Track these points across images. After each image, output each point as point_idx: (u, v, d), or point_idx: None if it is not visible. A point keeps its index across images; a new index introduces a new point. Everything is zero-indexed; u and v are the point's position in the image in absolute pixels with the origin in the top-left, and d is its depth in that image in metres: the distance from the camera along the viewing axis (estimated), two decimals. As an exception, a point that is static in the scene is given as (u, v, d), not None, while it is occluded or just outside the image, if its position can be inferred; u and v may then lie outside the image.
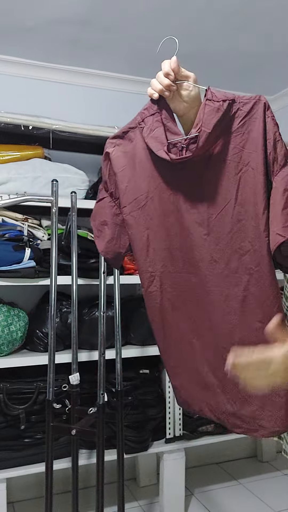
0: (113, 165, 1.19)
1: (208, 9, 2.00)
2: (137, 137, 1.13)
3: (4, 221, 2.02)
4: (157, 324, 1.24)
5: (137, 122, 1.14)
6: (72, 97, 2.57)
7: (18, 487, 2.34)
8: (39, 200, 1.75)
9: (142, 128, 1.11)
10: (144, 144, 1.11)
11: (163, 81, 1.07)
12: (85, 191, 2.17)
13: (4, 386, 1.93)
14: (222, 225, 1.06)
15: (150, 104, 1.12)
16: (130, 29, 2.16)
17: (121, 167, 1.18)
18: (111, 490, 2.11)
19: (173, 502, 2.22)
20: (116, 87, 2.65)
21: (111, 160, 1.19)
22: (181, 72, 1.10)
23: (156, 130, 1.08)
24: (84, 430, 1.63)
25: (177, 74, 1.10)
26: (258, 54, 2.42)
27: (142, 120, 1.12)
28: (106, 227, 1.25)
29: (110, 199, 1.23)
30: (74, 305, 1.84)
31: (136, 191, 1.17)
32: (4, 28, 2.14)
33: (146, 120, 1.11)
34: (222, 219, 1.06)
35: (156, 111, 1.10)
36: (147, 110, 1.12)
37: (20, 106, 2.32)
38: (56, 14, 2.03)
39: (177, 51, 1.15)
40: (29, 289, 2.21)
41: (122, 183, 1.18)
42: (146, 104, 1.13)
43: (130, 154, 1.16)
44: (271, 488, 2.45)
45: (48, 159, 2.19)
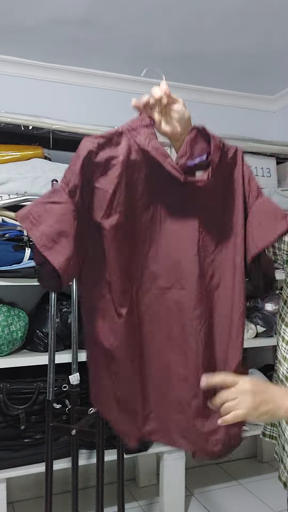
0: (94, 167, 1.04)
1: (208, 9, 2.00)
2: (126, 144, 1.06)
3: (4, 221, 2.02)
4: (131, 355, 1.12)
5: (126, 129, 1.07)
6: (72, 97, 2.57)
7: (18, 487, 2.34)
8: (39, 200, 1.75)
9: (136, 136, 1.06)
10: (134, 152, 1.06)
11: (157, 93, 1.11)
12: (85, 191, 2.16)
13: (4, 386, 1.93)
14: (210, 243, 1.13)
15: (142, 116, 1.10)
16: (130, 29, 2.16)
17: (104, 171, 1.04)
18: (111, 490, 2.11)
19: (173, 502, 2.22)
20: (116, 87, 2.65)
21: (93, 160, 1.03)
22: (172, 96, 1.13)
23: (154, 141, 1.06)
24: (84, 430, 1.63)
25: (168, 96, 1.11)
26: (258, 54, 2.42)
27: (133, 129, 1.07)
28: (66, 239, 1.02)
29: (74, 207, 1.02)
30: (74, 305, 1.84)
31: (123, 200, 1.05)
32: (4, 28, 2.14)
33: (139, 130, 1.07)
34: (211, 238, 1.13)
35: (150, 124, 1.08)
36: (137, 122, 1.09)
37: (20, 106, 2.32)
38: (56, 14, 2.03)
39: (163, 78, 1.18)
40: (29, 289, 2.20)
41: (106, 190, 1.03)
42: (133, 117, 1.10)
43: (117, 160, 1.04)
44: (271, 488, 2.45)
45: (48, 159, 2.19)
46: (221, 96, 2.87)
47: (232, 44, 2.31)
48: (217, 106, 2.89)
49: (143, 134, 1.06)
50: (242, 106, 2.95)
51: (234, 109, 2.93)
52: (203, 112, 2.84)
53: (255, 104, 2.98)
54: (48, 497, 1.65)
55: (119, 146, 1.05)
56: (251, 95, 2.92)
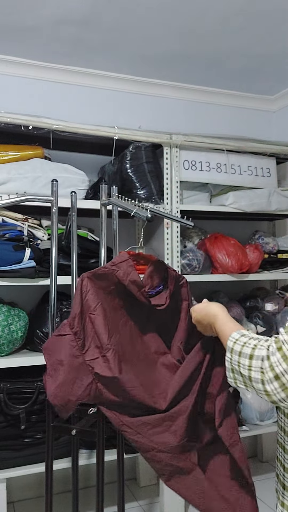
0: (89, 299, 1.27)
1: (209, 10, 2.00)
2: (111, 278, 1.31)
3: (4, 221, 2.02)
4: None
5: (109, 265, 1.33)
6: (72, 97, 2.58)
7: (18, 487, 2.34)
8: (39, 200, 1.75)
9: (116, 270, 1.30)
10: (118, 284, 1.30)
11: None
12: (85, 191, 2.17)
13: (4, 386, 1.93)
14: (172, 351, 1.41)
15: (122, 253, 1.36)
16: (131, 30, 2.17)
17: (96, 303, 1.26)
18: (111, 490, 2.11)
19: (173, 502, 2.22)
20: (116, 87, 2.65)
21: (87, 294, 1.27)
22: None
23: (132, 274, 1.30)
24: (84, 430, 1.63)
25: None
26: (258, 54, 2.42)
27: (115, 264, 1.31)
28: (61, 368, 1.20)
29: (73, 337, 1.21)
30: (74, 305, 1.84)
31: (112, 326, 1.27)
32: (5, 28, 2.14)
33: (120, 265, 1.31)
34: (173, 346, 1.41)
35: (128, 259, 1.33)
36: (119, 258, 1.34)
37: (20, 106, 2.32)
38: (57, 14, 2.03)
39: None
40: (29, 289, 2.21)
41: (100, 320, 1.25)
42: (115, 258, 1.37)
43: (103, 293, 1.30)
44: (271, 488, 2.45)
45: (48, 159, 2.19)
46: (221, 96, 2.87)
47: (232, 44, 2.31)
48: (217, 106, 2.89)
49: (122, 268, 1.30)
50: (242, 106, 2.95)
51: (234, 109, 2.94)
52: (203, 112, 2.86)
53: (255, 104, 2.98)
54: (49, 497, 1.64)
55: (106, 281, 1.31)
56: (251, 95, 2.92)
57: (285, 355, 0.82)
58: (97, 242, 2.10)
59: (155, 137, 2.23)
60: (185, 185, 2.37)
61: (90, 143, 2.26)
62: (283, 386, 0.82)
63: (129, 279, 1.28)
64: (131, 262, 1.32)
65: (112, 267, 1.30)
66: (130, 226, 2.64)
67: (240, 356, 0.91)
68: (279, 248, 2.63)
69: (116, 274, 1.29)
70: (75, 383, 1.19)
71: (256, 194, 2.45)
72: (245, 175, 2.47)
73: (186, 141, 2.28)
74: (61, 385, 1.19)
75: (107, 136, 2.14)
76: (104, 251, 1.75)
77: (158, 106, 2.74)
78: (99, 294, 1.28)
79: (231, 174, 2.43)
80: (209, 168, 2.39)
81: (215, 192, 2.50)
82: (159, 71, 2.59)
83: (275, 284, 2.93)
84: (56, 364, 1.22)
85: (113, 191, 1.84)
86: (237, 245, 2.38)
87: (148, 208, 1.52)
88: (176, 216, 2.14)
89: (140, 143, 2.23)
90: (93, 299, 1.26)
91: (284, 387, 0.82)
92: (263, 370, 0.85)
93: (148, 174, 2.24)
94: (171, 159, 2.28)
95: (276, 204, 2.49)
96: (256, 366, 0.87)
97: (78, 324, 1.23)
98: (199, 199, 2.43)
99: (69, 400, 1.21)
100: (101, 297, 1.28)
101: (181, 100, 2.80)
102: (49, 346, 1.27)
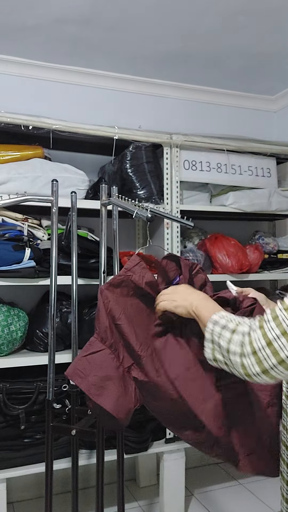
0: (112, 309, 1.26)
1: (209, 9, 2.00)
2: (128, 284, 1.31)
3: (4, 221, 2.02)
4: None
5: (123, 272, 1.32)
6: (72, 97, 2.57)
7: (18, 487, 2.34)
8: (39, 200, 1.75)
9: (131, 275, 1.30)
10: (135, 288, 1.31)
11: None
12: (85, 191, 2.17)
13: (4, 386, 1.93)
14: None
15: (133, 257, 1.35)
16: (131, 29, 2.16)
17: (119, 312, 1.27)
18: (111, 490, 2.11)
19: (173, 502, 2.22)
20: (116, 87, 2.65)
21: (110, 305, 1.26)
22: None
23: (147, 275, 1.31)
24: (84, 430, 1.63)
25: None
26: (259, 54, 2.42)
27: (129, 269, 1.31)
28: (111, 382, 1.20)
29: (110, 351, 1.22)
30: (74, 305, 1.83)
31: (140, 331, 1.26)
32: (5, 28, 2.13)
33: (133, 270, 1.31)
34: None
35: (139, 261, 1.32)
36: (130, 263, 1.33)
37: (20, 106, 2.32)
38: (57, 14, 2.02)
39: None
40: (29, 289, 2.21)
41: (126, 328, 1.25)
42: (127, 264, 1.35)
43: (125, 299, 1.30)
44: (271, 488, 2.45)
45: (48, 159, 2.19)
46: (221, 96, 2.87)
47: (233, 44, 2.31)
48: (217, 106, 2.89)
49: (137, 273, 1.31)
50: (242, 106, 2.95)
51: (234, 109, 2.93)
52: (204, 112, 2.86)
53: (255, 104, 2.98)
54: (48, 497, 1.64)
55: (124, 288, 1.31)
56: (251, 95, 2.92)
57: (265, 333, 0.86)
58: (97, 242, 2.10)
59: (155, 137, 2.23)
60: (185, 185, 2.36)
61: (90, 143, 2.26)
62: (259, 361, 0.86)
63: (145, 281, 1.29)
64: (143, 264, 1.33)
65: (127, 273, 1.31)
66: (130, 226, 2.64)
67: (223, 329, 0.97)
68: (279, 248, 2.63)
69: (132, 279, 1.30)
70: (127, 392, 1.23)
71: (256, 194, 2.45)
72: (246, 175, 2.47)
73: (186, 141, 2.28)
74: (118, 399, 1.21)
75: (107, 136, 2.14)
76: (104, 251, 1.75)
77: (158, 106, 2.74)
78: (121, 302, 1.29)
79: (231, 174, 2.43)
80: (209, 168, 2.38)
81: (215, 192, 2.50)
82: (159, 71, 2.58)
83: (275, 284, 2.93)
84: (102, 381, 1.21)
85: (113, 191, 1.83)
86: (237, 245, 2.38)
87: (148, 208, 1.52)
88: (176, 216, 2.13)
89: (140, 143, 2.22)
90: (116, 308, 1.27)
91: (259, 362, 0.86)
92: (242, 344, 0.90)
93: (148, 174, 2.24)
94: (171, 159, 2.28)
95: (276, 204, 2.49)
96: (236, 340, 0.92)
97: (111, 336, 1.25)
98: (199, 199, 2.43)
99: (129, 409, 1.23)
100: (123, 304, 1.29)
101: (181, 100, 2.80)
102: (79, 368, 1.25)
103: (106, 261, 1.76)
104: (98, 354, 1.22)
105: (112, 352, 1.23)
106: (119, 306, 1.27)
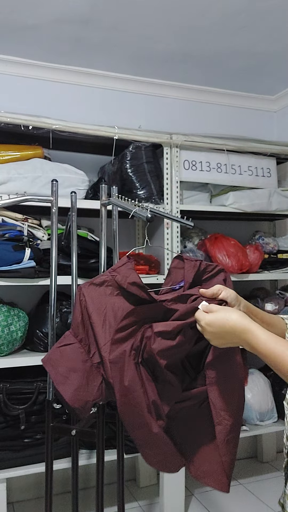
0: (88, 306, 1.29)
1: (209, 9, 2.00)
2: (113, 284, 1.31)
3: (4, 221, 2.02)
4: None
5: (108, 272, 1.32)
6: (72, 97, 2.57)
7: (18, 487, 2.34)
8: (39, 200, 1.75)
9: (115, 276, 1.30)
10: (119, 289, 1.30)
11: None
12: (85, 191, 2.17)
13: (4, 386, 1.93)
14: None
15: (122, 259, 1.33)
16: (131, 29, 2.16)
17: (95, 310, 1.29)
18: (111, 490, 2.11)
19: (173, 502, 2.22)
20: (116, 87, 2.65)
21: (86, 302, 1.29)
22: None
23: (131, 276, 1.27)
24: (84, 431, 1.63)
25: None
26: (259, 54, 2.42)
27: (114, 270, 1.31)
28: (75, 374, 1.28)
29: (79, 345, 1.29)
30: (74, 305, 1.83)
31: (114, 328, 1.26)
32: (5, 27, 2.13)
33: (119, 270, 1.30)
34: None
35: (127, 262, 1.31)
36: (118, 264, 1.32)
37: (20, 106, 2.32)
38: (58, 13, 2.02)
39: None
40: (29, 289, 2.21)
41: (97, 327, 1.27)
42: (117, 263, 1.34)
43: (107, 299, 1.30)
44: (271, 488, 2.45)
45: (48, 159, 2.19)
46: (221, 96, 2.87)
47: (233, 44, 2.31)
48: (217, 106, 2.89)
49: (121, 272, 1.29)
50: (242, 106, 2.95)
51: (234, 109, 2.93)
52: (204, 112, 2.86)
53: (256, 104, 2.97)
54: (48, 497, 1.64)
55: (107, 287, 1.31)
56: (251, 95, 2.92)
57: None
58: (97, 242, 2.10)
59: (155, 137, 2.23)
60: (185, 185, 2.36)
61: (90, 143, 2.26)
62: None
63: (127, 281, 1.27)
64: (131, 265, 1.32)
65: (111, 273, 1.33)
66: (130, 226, 2.64)
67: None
68: (279, 248, 2.63)
69: (115, 279, 1.31)
70: (88, 386, 1.28)
71: (256, 194, 2.45)
72: (246, 175, 2.47)
73: (186, 141, 2.28)
74: (78, 390, 1.27)
75: (107, 136, 2.14)
76: (104, 251, 1.75)
77: (158, 106, 2.74)
78: (101, 301, 1.31)
79: (232, 174, 2.43)
80: (209, 168, 2.38)
81: (215, 192, 2.50)
82: (159, 71, 2.58)
83: (275, 284, 2.93)
84: (67, 372, 1.29)
85: (113, 191, 1.83)
86: (237, 245, 2.38)
87: (148, 208, 1.52)
88: (176, 216, 2.13)
89: (140, 143, 2.22)
90: (91, 306, 1.30)
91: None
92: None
93: (148, 174, 2.24)
94: (171, 159, 2.28)
95: (277, 204, 2.49)
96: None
97: (83, 331, 1.30)
98: (199, 199, 2.43)
99: (87, 401, 1.29)
100: (103, 303, 1.31)
101: (182, 100, 2.80)
102: (52, 358, 1.32)
103: (106, 261, 1.76)
104: (69, 347, 1.29)
105: (82, 347, 1.29)
106: (95, 305, 1.30)
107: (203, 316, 1.02)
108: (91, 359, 1.29)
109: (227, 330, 0.98)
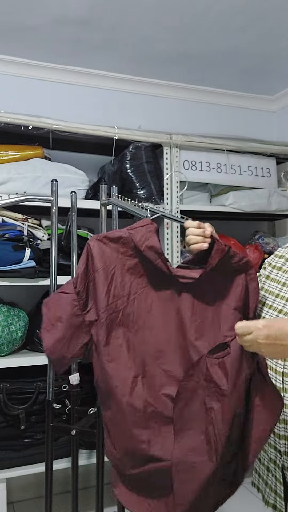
0: (94, 260, 1.19)
1: (209, 9, 2.00)
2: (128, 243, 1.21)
3: (4, 221, 2.02)
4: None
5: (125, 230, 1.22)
6: (72, 97, 2.57)
7: (18, 487, 2.34)
8: (39, 200, 1.75)
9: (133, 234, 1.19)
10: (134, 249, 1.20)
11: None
12: (85, 191, 2.17)
13: (4, 386, 1.93)
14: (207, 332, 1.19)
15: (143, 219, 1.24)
16: (131, 29, 2.16)
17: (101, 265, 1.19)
18: (111, 490, 2.11)
19: (173, 502, 2.21)
20: (116, 87, 2.65)
21: (93, 255, 1.19)
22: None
23: (151, 239, 1.18)
24: (84, 431, 1.63)
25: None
26: (258, 54, 2.42)
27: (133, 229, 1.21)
28: (60, 324, 1.19)
29: (75, 297, 1.19)
30: (74, 305, 1.84)
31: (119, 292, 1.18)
32: (5, 28, 2.13)
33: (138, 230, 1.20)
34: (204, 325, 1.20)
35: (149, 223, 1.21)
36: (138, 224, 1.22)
37: (20, 106, 2.32)
38: (57, 14, 2.03)
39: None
40: (29, 289, 2.21)
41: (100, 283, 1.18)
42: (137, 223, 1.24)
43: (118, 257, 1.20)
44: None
45: (48, 159, 2.19)
46: (221, 96, 2.87)
47: (233, 44, 2.31)
48: (217, 106, 2.89)
49: (140, 233, 1.19)
50: (242, 106, 2.95)
51: (234, 109, 2.93)
52: (203, 112, 2.86)
53: (255, 104, 2.98)
54: (48, 497, 1.64)
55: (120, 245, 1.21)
56: (251, 95, 2.92)
57: None
58: (97, 242, 2.10)
59: (155, 137, 2.23)
60: (185, 185, 2.37)
61: (90, 143, 2.26)
62: None
63: (145, 244, 1.17)
64: (152, 227, 1.21)
65: (130, 231, 1.20)
66: (130, 226, 2.64)
67: None
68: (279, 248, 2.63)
69: (132, 238, 1.19)
70: (71, 341, 1.19)
71: (256, 194, 2.45)
72: (245, 175, 2.47)
73: (186, 141, 2.28)
74: (58, 341, 1.18)
75: (107, 136, 2.14)
76: (104, 251, 1.75)
77: (158, 106, 2.74)
78: (112, 257, 1.20)
79: (231, 174, 2.43)
80: (209, 168, 2.39)
81: (215, 192, 2.50)
82: (158, 71, 2.58)
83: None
84: (55, 320, 1.20)
85: (113, 191, 1.83)
86: (237, 245, 2.38)
87: (148, 208, 1.52)
88: (176, 216, 2.13)
89: (140, 143, 2.23)
90: (99, 260, 1.19)
91: None
92: None
93: (148, 174, 2.24)
94: (171, 159, 2.28)
95: (276, 204, 2.49)
96: None
97: (81, 284, 1.20)
98: (199, 199, 2.43)
99: (64, 356, 1.20)
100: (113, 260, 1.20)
101: (181, 100, 2.80)
102: (50, 301, 1.24)
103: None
104: (65, 296, 1.20)
105: (77, 300, 1.19)
106: (104, 261, 1.19)
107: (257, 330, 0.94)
108: (84, 315, 1.19)
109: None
